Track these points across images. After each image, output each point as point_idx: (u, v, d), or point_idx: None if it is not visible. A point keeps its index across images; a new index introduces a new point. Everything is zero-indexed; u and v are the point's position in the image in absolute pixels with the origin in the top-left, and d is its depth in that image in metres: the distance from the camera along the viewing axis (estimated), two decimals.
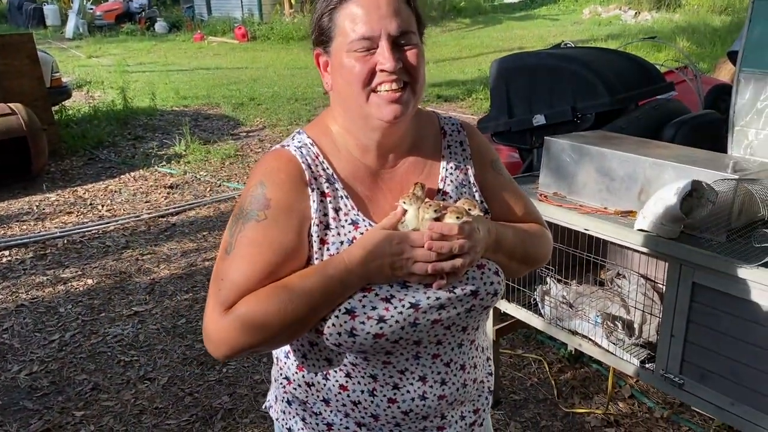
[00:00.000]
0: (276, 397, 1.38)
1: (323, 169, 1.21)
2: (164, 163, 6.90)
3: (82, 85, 11.46)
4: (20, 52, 6.71)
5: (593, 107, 3.18)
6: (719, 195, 1.92)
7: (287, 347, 1.29)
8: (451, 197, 1.27)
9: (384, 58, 1.12)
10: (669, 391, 2.11)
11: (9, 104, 6.06)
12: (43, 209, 5.63)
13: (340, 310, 1.13)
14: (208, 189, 6.08)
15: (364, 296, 1.13)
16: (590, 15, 18.75)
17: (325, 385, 1.24)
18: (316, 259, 1.17)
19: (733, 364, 1.88)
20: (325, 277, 1.12)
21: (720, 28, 14.07)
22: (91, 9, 21.28)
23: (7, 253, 4.70)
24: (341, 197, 1.20)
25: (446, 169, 1.30)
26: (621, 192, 2.24)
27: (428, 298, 1.15)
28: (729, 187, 1.93)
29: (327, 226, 1.18)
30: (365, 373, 1.20)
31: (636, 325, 2.38)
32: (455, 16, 19.90)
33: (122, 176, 6.53)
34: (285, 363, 1.32)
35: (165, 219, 5.35)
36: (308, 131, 1.27)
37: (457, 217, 1.13)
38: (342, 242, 1.17)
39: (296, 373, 1.28)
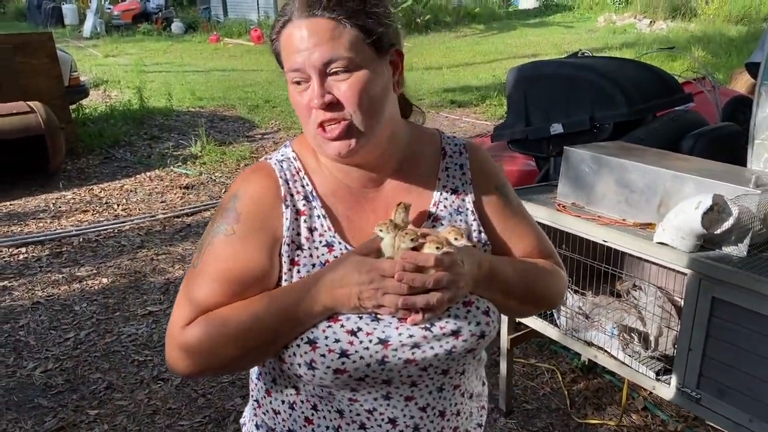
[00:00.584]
0: (248, 416, 1.31)
1: (302, 186, 1.15)
2: (180, 163, 6.94)
3: (99, 84, 11.55)
4: (40, 51, 6.78)
5: (611, 117, 3.18)
6: (741, 209, 1.91)
7: (257, 369, 1.23)
8: (442, 224, 1.17)
9: (313, 93, 1.04)
10: (685, 405, 2.10)
11: (28, 102, 6.12)
12: (60, 207, 5.68)
13: (302, 339, 1.05)
14: (223, 190, 6.11)
15: (329, 326, 1.04)
16: (605, 23, 18.70)
17: (290, 415, 1.16)
18: (285, 280, 1.09)
19: (752, 380, 1.87)
20: (288, 302, 1.05)
21: (736, 38, 13.99)
22: (109, 9, 21.45)
23: (23, 250, 4.75)
24: (318, 216, 1.13)
25: (441, 193, 1.20)
26: (640, 204, 2.23)
27: (400, 334, 1.05)
28: (751, 202, 1.92)
29: (299, 247, 1.11)
30: (331, 408, 1.11)
31: (652, 338, 2.37)
32: (469, 22, 19.90)
33: (138, 176, 6.57)
34: (256, 385, 1.25)
35: (180, 219, 5.38)
36: (294, 144, 1.20)
37: (437, 247, 1.02)
38: (314, 264, 1.10)
39: (265, 397, 1.21)
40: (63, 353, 3.45)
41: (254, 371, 1.24)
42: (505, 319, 2.74)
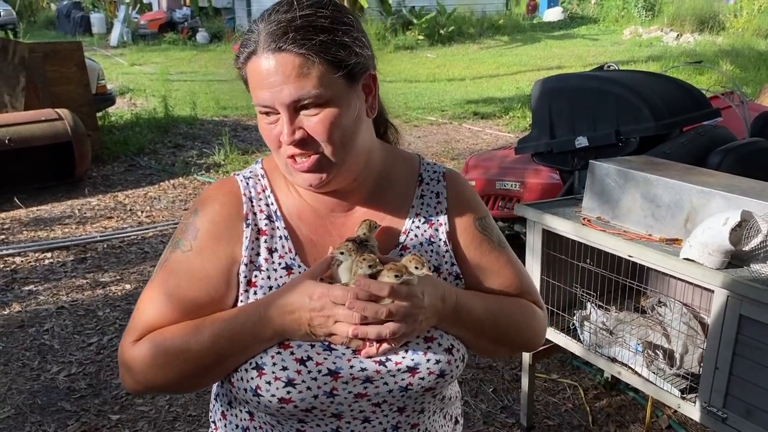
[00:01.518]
0: None
1: (267, 205, 1.11)
2: (203, 171, 7.01)
3: (125, 92, 11.73)
4: (69, 59, 6.91)
5: (637, 131, 3.14)
6: None
7: (215, 389, 1.19)
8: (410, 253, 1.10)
9: (282, 130, 1.00)
10: (711, 424, 2.06)
11: (56, 109, 6.23)
12: (85, 213, 5.76)
13: (250, 364, 1.00)
14: None
15: (278, 353, 0.99)
16: (631, 36, 18.58)
17: None
18: (241, 301, 1.05)
19: None
20: (236, 325, 1.00)
21: (765, 52, 13.83)
22: (136, 18, 21.80)
23: (49, 255, 4.82)
24: (280, 237, 1.09)
25: (413, 221, 1.14)
26: (666, 219, 2.21)
27: (352, 367, 0.99)
28: None
29: (257, 267, 1.06)
30: None
31: (677, 355, 2.34)
32: (493, 34, 19.90)
33: (162, 183, 6.65)
34: (213, 406, 1.21)
35: None
36: (265, 162, 1.17)
37: (396, 276, 0.95)
38: (271, 287, 1.05)
39: (220, 420, 1.17)
40: (86, 358, 3.48)
41: (213, 392, 1.20)
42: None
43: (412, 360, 1.01)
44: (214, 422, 1.21)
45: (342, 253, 1.00)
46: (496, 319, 1.12)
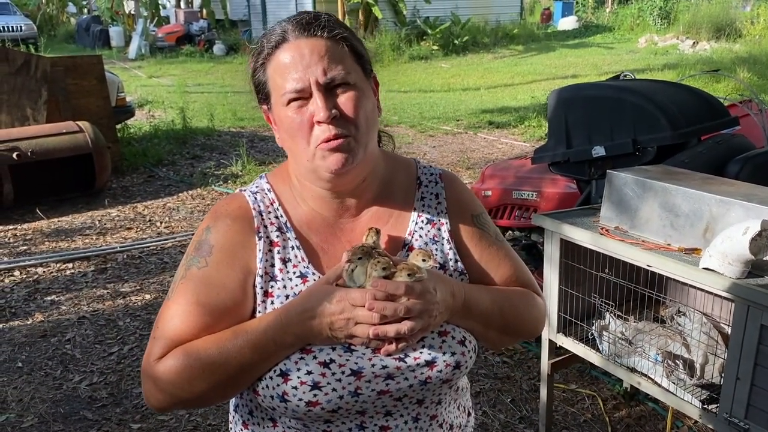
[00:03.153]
0: None
1: (276, 217, 1.15)
2: (221, 182, 7.07)
3: (144, 104, 11.87)
4: (89, 73, 7.02)
5: (655, 140, 3.14)
6: None
7: (234, 401, 1.21)
8: None
9: (317, 108, 1.05)
10: None
11: (77, 122, 6.33)
12: (105, 224, 5.84)
13: (274, 371, 1.04)
14: None
15: (301, 358, 1.03)
16: (646, 44, 18.51)
17: None
18: (259, 312, 1.09)
19: None
20: (259, 334, 1.03)
21: None
22: (154, 31, 22.09)
23: (70, 265, 4.88)
24: (292, 247, 1.13)
25: (416, 223, 1.20)
26: (685, 229, 2.20)
27: (373, 365, 1.03)
28: None
29: (273, 278, 1.10)
30: None
31: (698, 365, 2.32)
32: (508, 43, 19.91)
33: (180, 194, 6.72)
34: (233, 416, 1.23)
35: None
36: (269, 176, 1.22)
37: (409, 275, 1.01)
38: (287, 296, 1.09)
39: (242, 430, 1.19)
40: (107, 367, 3.52)
41: (231, 403, 1.23)
42: (545, 343, 2.72)
43: (430, 354, 1.06)
44: None
45: (360, 258, 1.04)
46: (502, 310, 1.17)
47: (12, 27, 20.22)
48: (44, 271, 4.77)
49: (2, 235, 5.51)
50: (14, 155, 5.77)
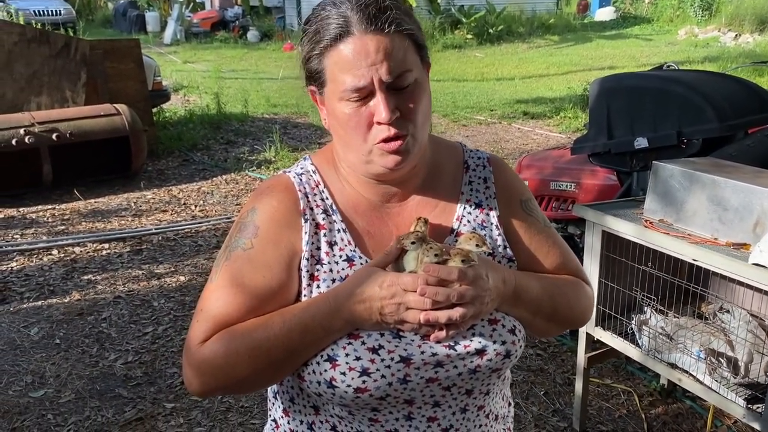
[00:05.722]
0: None
1: (322, 199, 1.12)
2: (254, 168, 7.11)
3: (179, 89, 11.97)
4: (127, 56, 7.10)
5: (701, 132, 3.05)
6: None
7: (274, 387, 1.18)
8: None
9: (379, 109, 1.01)
10: None
11: (115, 105, 6.41)
12: (140, 206, 5.91)
13: (321, 357, 1.01)
14: None
15: (349, 344, 1.01)
16: (686, 36, 18.10)
17: None
18: (305, 295, 1.06)
19: None
20: (307, 318, 1.01)
21: None
22: (189, 16, 22.23)
23: (106, 246, 4.96)
24: (338, 230, 1.10)
25: (464, 208, 1.16)
26: (734, 223, 2.14)
27: (423, 352, 1.01)
28: None
29: (319, 261, 1.07)
30: (352, 428, 1.08)
31: (741, 363, 2.26)
32: (543, 33, 19.62)
33: (214, 179, 6.77)
34: (273, 404, 1.21)
35: None
36: (314, 158, 1.19)
37: (463, 261, 0.98)
38: (334, 279, 1.06)
39: (282, 417, 1.17)
40: (142, 347, 3.57)
41: (271, 390, 1.20)
42: (582, 336, 2.67)
43: (480, 342, 1.04)
44: (274, 420, 1.21)
45: (413, 243, 1.02)
46: (551, 298, 1.14)
47: (52, 11, 20.51)
48: (81, 251, 4.85)
49: (41, 215, 5.62)
50: (54, 136, 5.87)
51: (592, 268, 2.55)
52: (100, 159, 6.49)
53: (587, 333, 2.65)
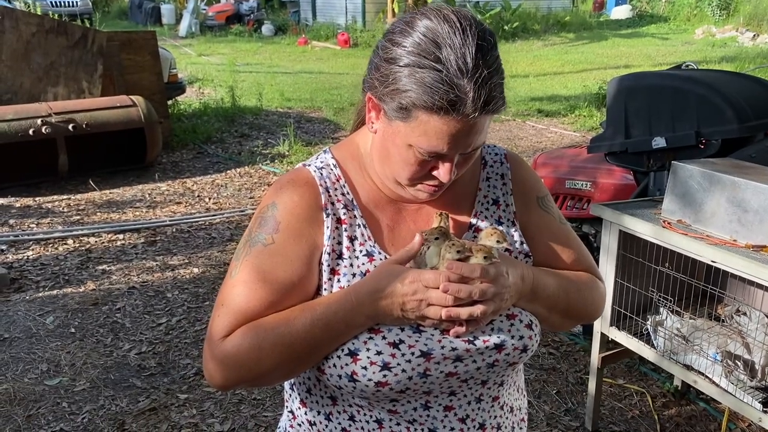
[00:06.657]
0: (284, 427, 1.26)
1: (343, 194, 1.12)
2: (268, 161, 7.12)
3: (193, 81, 12.02)
4: (143, 48, 7.12)
5: (720, 133, 3.03)
6: None
7: (292, 379, 1.19)
8: None
9: (442, 172, 1.04)
10: None
11: (131, 96, 6.43)
12: (155, 198, 5.94)
13: (342, 351, 1.02)
14: None
15: (370, 338, 1.02)
16: (703, 35, 17.95)
17: (327, 426, 1.13)
18: (325, 290, 1.07)
19: None
20: (329, 314, 1.02)
21: None
22: (204, 9, 22.30)
23: (121, 236, 4.99)
24: (359, 225, 1.10)
25: (482, 204, 1.18)
26: (754, 225, 2.12)
27: (443, 347, 1.02)
28: None
29: (340, 256, 1.08)
30: (370, 418, 1.09)
31: (759, 366, 2.25)
32: (559, 31, 19.53)
33: (228, 171, 6.79)
34: (290, 395, 1.22)
35: None
36: (334, 151, 1.18)
37: (485, 258, 0.99)
38: (354, 274, 1.07)
39: (299, 408, 1.18)
40: (156, 337, 3.59)
41: (287, 381, 1.21)
42: (597, 335, 2.66)
43: (498, 337, 1.06)
44: (291, 411, 1.22)
45: (437, 239, 1.02)
46: (567, 295, 1.15)
47: (69, 2, 20.64)
48: (96, 241, 4.89)
49: (57, 205, 5.66)
50: (70, 127, 5.90)
51: (607, 267, 2.53)
52: (116, 150, 6.53)
53: (602, 333, 2.64)
